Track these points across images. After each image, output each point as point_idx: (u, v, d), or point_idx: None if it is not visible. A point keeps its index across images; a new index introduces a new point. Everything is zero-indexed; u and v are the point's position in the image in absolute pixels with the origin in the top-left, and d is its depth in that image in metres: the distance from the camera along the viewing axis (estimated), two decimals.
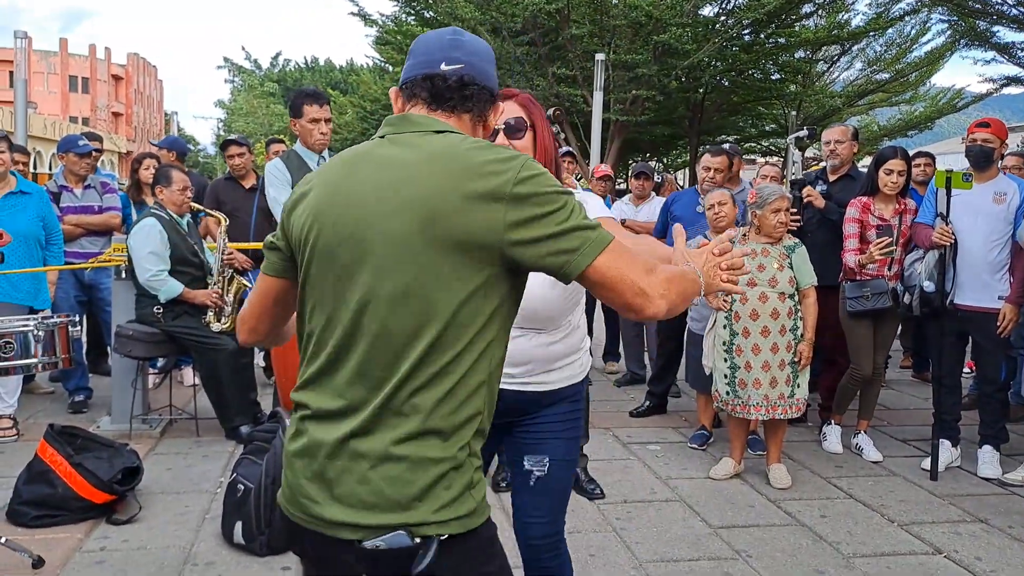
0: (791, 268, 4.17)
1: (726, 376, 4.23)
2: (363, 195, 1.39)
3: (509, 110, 2.01)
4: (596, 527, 3.65)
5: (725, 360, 4.23)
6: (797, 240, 4.32)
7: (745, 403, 4.16)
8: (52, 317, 3.55)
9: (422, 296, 1.34)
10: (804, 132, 5.01)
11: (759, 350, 4.13)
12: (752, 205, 4.25)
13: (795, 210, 4.83)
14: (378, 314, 1.36)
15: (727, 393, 4.23)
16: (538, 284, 1.82)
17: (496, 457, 4.18)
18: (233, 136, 6.56)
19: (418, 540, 1.34)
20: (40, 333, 3.38)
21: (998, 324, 4.25)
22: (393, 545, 1.34)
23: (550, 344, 2.15)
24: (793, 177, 5.10)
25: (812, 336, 4.20)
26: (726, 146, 5.46)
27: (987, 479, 4.34)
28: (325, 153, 4.18)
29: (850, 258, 4.51)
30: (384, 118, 1.58)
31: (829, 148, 5.09)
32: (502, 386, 2.03)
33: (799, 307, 4.18)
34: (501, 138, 2.01)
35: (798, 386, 4.16)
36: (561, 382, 2.19)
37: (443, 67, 1.47)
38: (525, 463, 2.19)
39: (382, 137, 1.48)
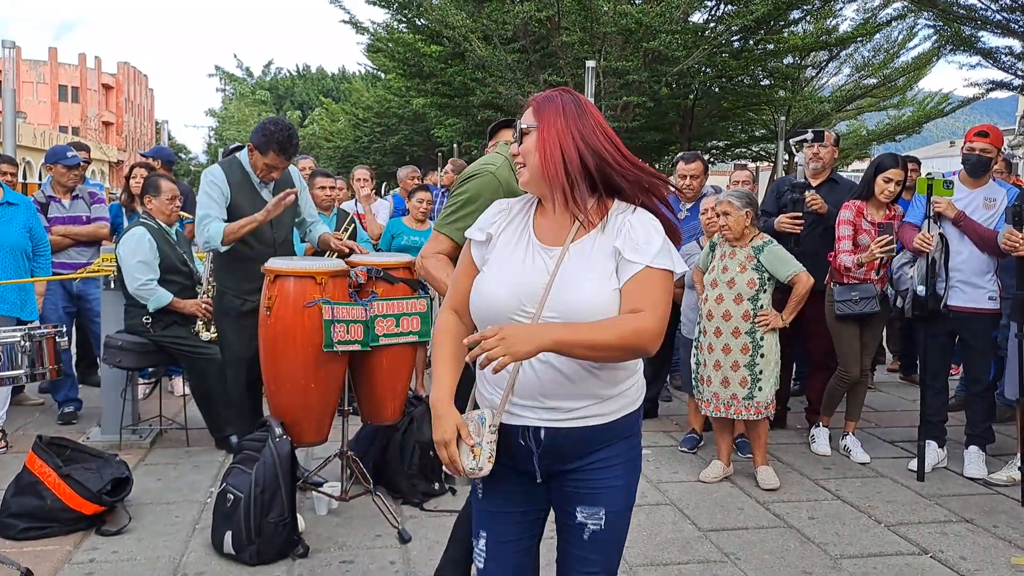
0: (756, 270, 4.19)
1: (692, 370, 4.44)
2: None
3: (524, 116, 1.91)
4: None
5: (693, 356, 4.42)
6: (768, 239, 4.32)
7: (699, 398, 4.36)
8: (39, 328, 3.55)
9: None
10: (809, 135, 4.95)
11: (712, 349, 4.25)
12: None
13: (798, 213, 4.83)
14: None
15: (693, 387, 4.45)
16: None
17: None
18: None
19: None
20: (27, 344, 3.38)
21: (1005, 242, 4.11)
22: None
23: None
24: (794, 179, 5.06)
25: (787, 316, 4.24)
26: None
27: (973, 479, 4.37)
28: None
29: (846, 258, 4.54)
30: (375, 124, 1.62)
31: (812, 152, 5.11)
32: (547, 425, 1.84)
33: (757, 311, 4.18)
34: (513, 147, 1.91)
35: (759, 389, 4.17)
36: (616, 413, 1.88)
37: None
38: (578, 515, 1.90)
39: None
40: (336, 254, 4.31)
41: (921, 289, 4.35)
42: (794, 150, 5.42)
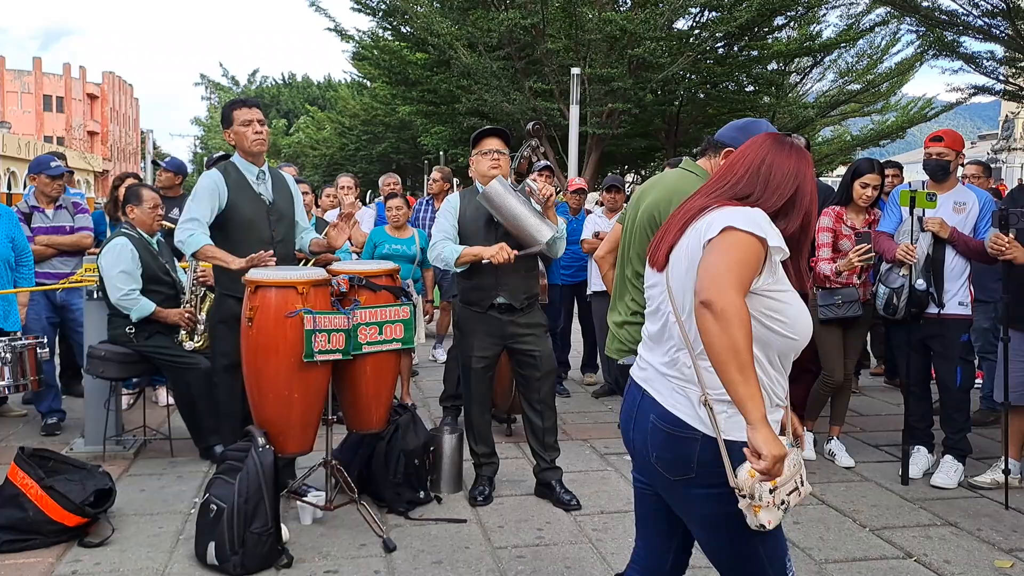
0: None
1: None
2: None
3: None
4: (572, 539, 3.67)
5: None
6: None
7: None
8: (21, 339, 3.53)
9: None
10: None
11: None
12: None
13: None
14: None
15: None
16: None
17: (475, 471, 4.19)
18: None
19: None
20: (8, 355, 3.36)
21: (991, 246, 4.12)
22: None
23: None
24: None
25: None
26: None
27: (946, 486, 4.34)
28: (265, 167, 4.07)
29: (824, 266, 4.55)
30: (361, 132, 1.62)
31: None
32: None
33: None
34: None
35: None
36: None
37: None
38: None
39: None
40: (313, 262, 4.29)
41: (921, 283, 4.31)
42: None
